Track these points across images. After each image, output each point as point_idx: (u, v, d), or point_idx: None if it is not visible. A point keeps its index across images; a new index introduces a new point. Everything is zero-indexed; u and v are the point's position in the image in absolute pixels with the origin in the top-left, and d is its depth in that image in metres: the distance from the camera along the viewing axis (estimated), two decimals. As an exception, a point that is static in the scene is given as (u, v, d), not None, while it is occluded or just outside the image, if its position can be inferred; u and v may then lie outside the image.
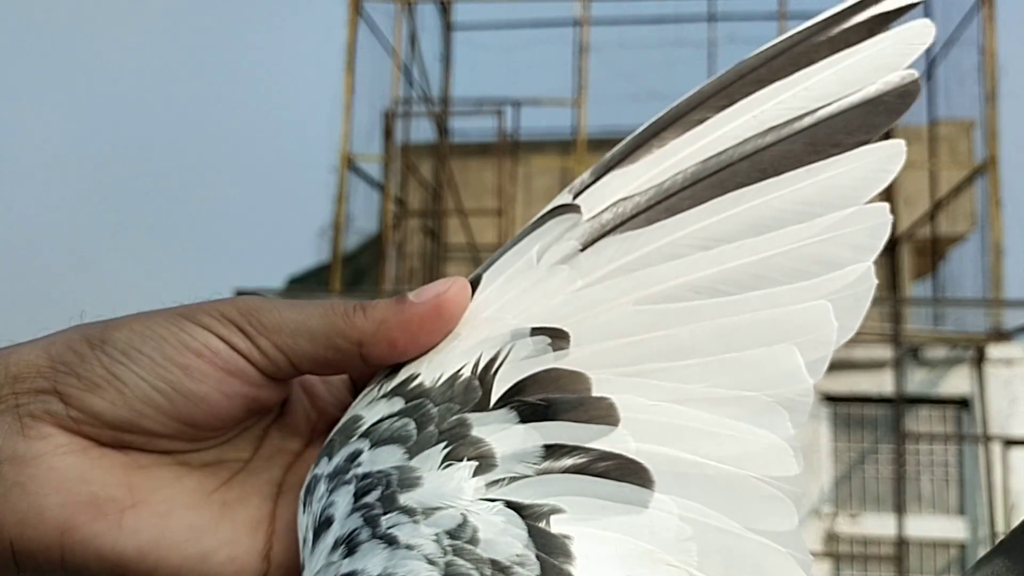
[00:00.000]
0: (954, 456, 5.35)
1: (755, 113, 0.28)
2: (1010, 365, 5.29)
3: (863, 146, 0.27)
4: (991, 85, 5.74)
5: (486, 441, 0.26)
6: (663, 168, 0.28)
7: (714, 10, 7.34)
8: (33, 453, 0.27)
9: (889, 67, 0.28)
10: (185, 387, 0.28)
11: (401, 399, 0.28)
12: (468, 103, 7.51)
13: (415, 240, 7.30)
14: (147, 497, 0.28)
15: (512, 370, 0.27)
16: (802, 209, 0.27)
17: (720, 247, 0.27)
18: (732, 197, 0.27)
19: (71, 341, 0.28)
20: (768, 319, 0.27)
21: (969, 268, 5.96)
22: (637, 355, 0.27)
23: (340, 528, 0.26)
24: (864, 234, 0.27)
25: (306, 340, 0.29)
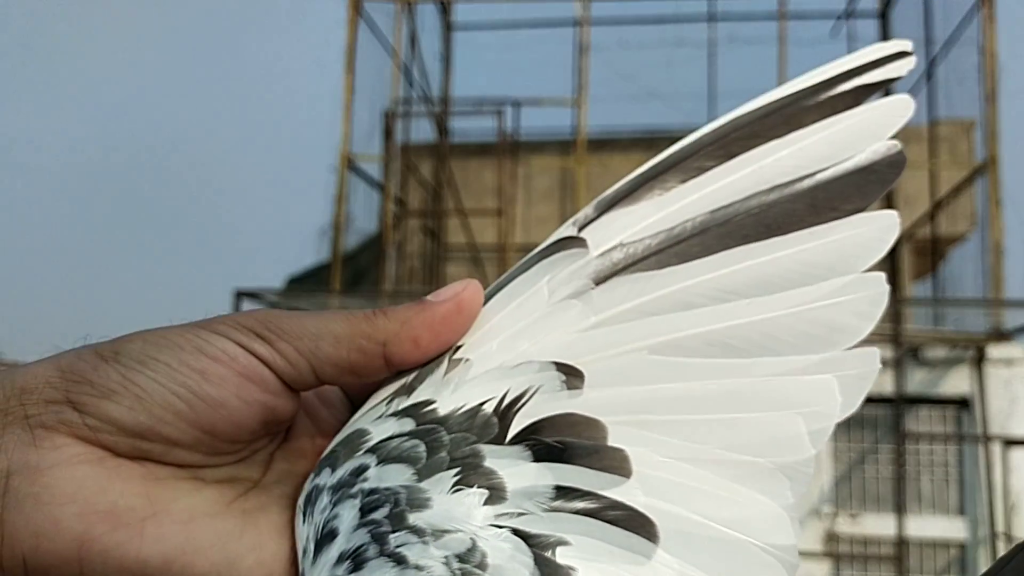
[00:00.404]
0: (954, 456, 5.35)
1: (755, 168, 0.30)
2: (1010, 365, 5.29)
3: (860, 213, 0.29)
4: (991, 85, 5.73)
5: (498, 473, 0.27)
6: (670, 212, 0.30)
7: (714, 10, 7.34)
8: (47, 463, 0.26)
9: (876, 136, 0.30)
10: (204, 391, 0.27)
11: (412, 420, 0.28)
12: (468, 103, 7.51)
13: (415, 240, 7.30)
14: (167, 507, 0.27)
15: (532, 409, 0.28)
16: (807, 271, 0.29)
17: (732, 302, 0.29)
18: (742, 251, 0.29)
19: (80, 354, 0.27)
20: (776, 386, 0.28)
21: (969, 268, 5.95)
22: (648, 404, 0.28)
23: (345, 542, 0.26)
24: (865, 302, 0.29)
25: (329, 343, 0.29)
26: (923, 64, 6.59)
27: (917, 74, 6.69)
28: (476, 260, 7.01)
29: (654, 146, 5.26)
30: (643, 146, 7.14)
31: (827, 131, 0.30)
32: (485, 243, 7.02)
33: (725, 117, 0.31)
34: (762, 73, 6.69)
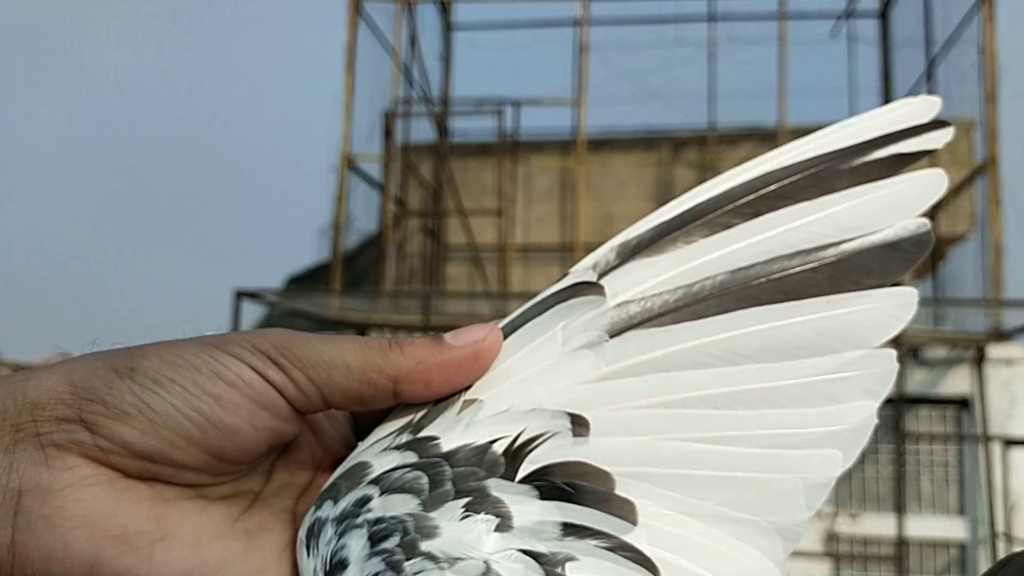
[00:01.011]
0: (954, 456, 5.34)
1: (781, 231, 0.30)
2: (1010, 365, 5.29)
3: (880, 288, 0.29)
4: (991, 85, 5.73)
5: (506, 503, 0.27)
6: (691, 267, 0.30)
7: (714, 10, 7.33)
8: (59, 484, 0.26)
9: (906, 210, 0.30)
10: (218, 418, 0.27)
11: (415, 454, 0.28)
12: (468, 103, 7.51)
13: (415, 240, 7.30)
14: (175, 529, 0.27)
15: (542, 453, 0.28)
16: (819, 340, 0.29)
17: (742, 365, 0.29)
18: (757, 313, 0.29)
19: (95, 368, 0.27)
20: (778, 453, 0.29)
21: (969, 268, 5.95)
22: (653, 458, 0.29)
23: (359, 571, 0.27)
24: (874, 379, 0.29)
25: (341, 374, 0.29)
26: (923, 64, 6.59)
27: (917, 74, 6.69)
28: (476, 260, 7.01)
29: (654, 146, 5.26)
30: (643, 146, 7.14)
31: (858, 200, 0.30)
32: (485, 243, 7.02)
33: (758, 167, 0.30)
34: (762, 73, 6.70)
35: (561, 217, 7.17)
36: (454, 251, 7.27)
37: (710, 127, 7.04)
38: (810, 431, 0.29)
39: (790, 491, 0.29)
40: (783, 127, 6.40)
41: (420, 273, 7.22)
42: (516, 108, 7.16)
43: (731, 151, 6.98)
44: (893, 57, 7.31)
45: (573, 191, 6.71)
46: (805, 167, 0.30)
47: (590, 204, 6.78)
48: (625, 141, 7.18)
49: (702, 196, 0.31)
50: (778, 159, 0.30)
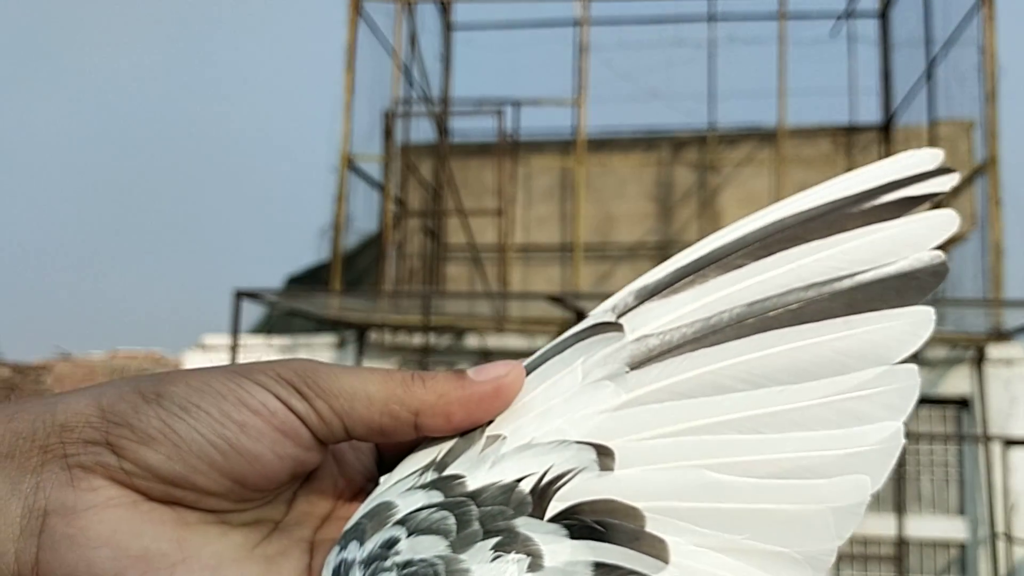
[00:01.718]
0: (954, 456, 5.35)
1: (794, 266, 0.30)
2: (1010, 365, 5.29)
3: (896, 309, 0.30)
4: (991, 85, 5.74)
5: (536, 542, 0.27)
6: (708, 302, 0.30)
7: (714, 10, 7.34)
8: (84, 505, 0.26)
9: (919, 245, 0.30)
10: (241, 445, 0.28)
11: (440, 493, 0.28)
12: (468, 103, 7.51)
13: (415, 240, 7.30)
14: (196, 552, 0.28)
15: (571, 491, 0.28)
16: (839, 359, 0.29)
17: (765, 388, 0.29)
18: (775, 335, 0.29)
19: (123, 393, 0.27)
20: (807, 484, 0.29)
21: (969, 268, 5.95)
22: (679, 492, 0.28)
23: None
24: (896, 395, 0.29)
25: (363, 405, 0.29)
26: (923, 64, 6.59)
27: (917, 74, 6.69)
28: (476, 260, 7.01)
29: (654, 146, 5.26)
30: (643, 146, 7.15)
31: (870, 236, 0.30)
32: (485, 243, 7.02)
33: (768, 215, 0.31)
34: (762, 73, 6.70)
35: (561, 217, 7.17)
36: (454, 251, 7.27)
37: (710, 127, 7.04)
38: (837, 453, 0.29)
39: (820, 521, 0.29)
40: (783, 127, 6.40)
41: (420, 273, 7.23)
42: (516, 108, 7.16)
43: (731, 151, 6.98)
44: (893, 57, 7.31)
45: (573, 191, 6.71)
46: (815, 213, 0.31)
47: (590, 204, 6.78)
48: (625, 141, 7.18)
49: (716, 243, 0.31)
50: (788, 207, 0.31)
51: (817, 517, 0.28)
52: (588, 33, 6.77)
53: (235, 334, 5.39)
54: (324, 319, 6.31)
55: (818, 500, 0.29)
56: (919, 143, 6.65)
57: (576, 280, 6.28)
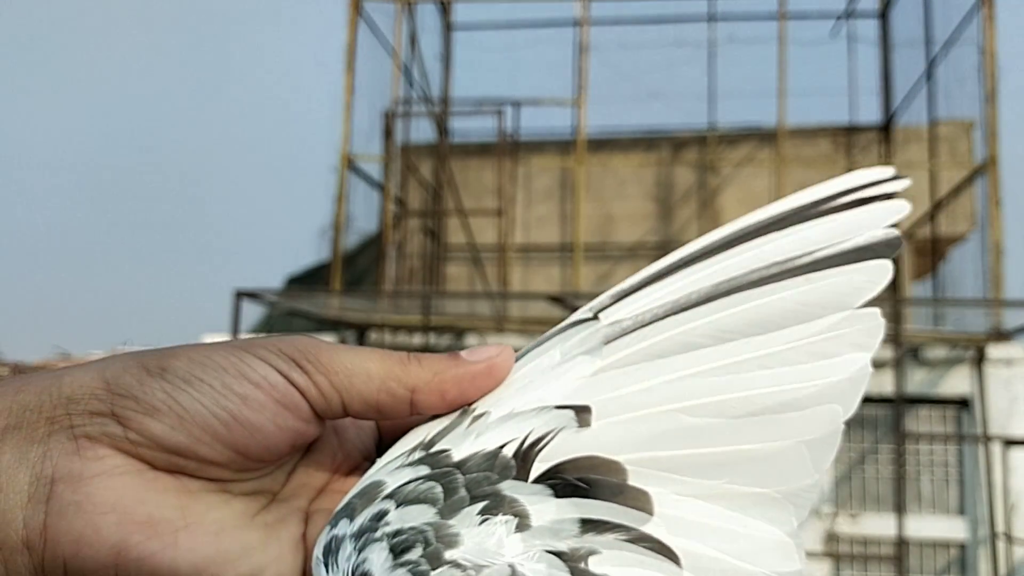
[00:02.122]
0: (954, 456, 5.35)
1: (757, 252, 0.32)
2: (1010, 365, 5.29)
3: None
4: (991, 85, 5.74)
5: (521, 503, 0.28)
6: (677, 287, 0.32)
7: (714, 10, 7.34)
8: (90, 473, 0.27)
9: (874, 225, 0.32)
10: (243, 416, 0.29)
11: (427, 467, 0.29)
12: (468, 103, 7.51)
13: (415, 240, 7.30)
14: (199, 518, 0.29)
15: (552, 451, 0.29)
16: (803, 310, 0.31)
17: (731, 342, 0.30)
18: (740, 296, 0.31)
19: (127, 367, 0.28)
20: (780, 419, 0.29)
21: (969, 268, 5.96)
22: (657, 442, 0.29)
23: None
24: (862, 334, 0.30)
25: (362, 381, 0.30)
26: (923, 64, 6.59)
27: (917, 74, 6.69)
28: (476, 260, 7.01)
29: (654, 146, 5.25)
30: (643, 146, 7.14)
31: (827, 223, 0.32)
32: (485, 243, 7.02)
33: (734, 224, 0.33)
34: (762, 73, 6.70)
35: (561, 217, 7.17)
36: (454, 251, 7.27)
37: (710, 127, 7.04)
38: (807, 385, 0.30)
39: (796, 456, 0.29)
40: (783, 127, 6.40)
41: (420, 273, 7.23)
42: (516, 108, 7.16)
43: (731, 151, 6.98)
44: (893, 57, 7.31)
45: (573, 191, 6.71)
46: (777, 217, 0.33)
47: (590, 204, 6.78)
48: (625, 141, 7.18)
49: (685, 249, 0.33)
50: (752, 216, 0.33)
51: (793, 452, 0.29)
52: (588, 33, 6.77)
53: (235, 334, 5.39)
54: (324, 319, 6.31)
55: (793, 435, 0.29)
56: (919, 143, 6.66)
57: (576, 280, 6.28)
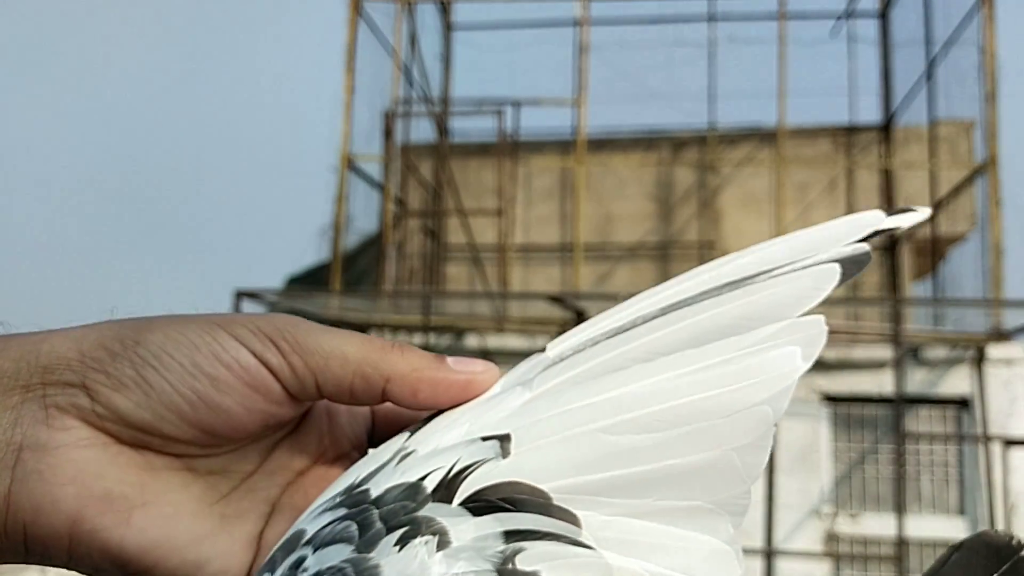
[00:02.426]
0: (954, 456, 5.35)
1: (713, 273, 0.30)
2: (1010, 365, 5.29)
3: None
4: (991, 85, 5.74)
5: (439, 521, 0.27)
6: (623, 314, 0.31)
7: (714, 10, 7.34)
8: (55, 443, 0.27)
9: (840, 240, 0.30)
10: (210, 397, 0.29)
11: (345, 507, 0.28)
12: (468, 103, 7.51)
13: (415, 240, 7.30)
14: (156, 499, 0.29)
15: (475, 480, 0.28)
16: (741, 323, 0.29)
17: (662, 358, 0.29)
18: (677, 315, 0.30)
19: (103, 338, 0.29)
20: (706, 428, 0.28)
21: (969, 268, 5.96)
22: (583, 466, 0.28)
23: None
24: (802, 341, 0.28)
25: (338, 364, 0.30)
26: (923, 64, 6.60)
27: (917, 74, 6.69)
28: (476, 260, 7.01)
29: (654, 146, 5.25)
30: (643, 146, 7.14)
31: (790, 241, 0.30)
32: (485, 243, 7.02)
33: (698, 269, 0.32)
34: (762, 73, 6.70)
35: (561, 217, 7.17)
36: (454, 251, 7.27)
37: (710, 127, 7.04)
38: (731, 390, 0.28)
39: (726, 465, 0.28)
40: (783, 127, 6.40)
41: (420, 273, 7.23)
42: (516, 108, 7.16)
43: (731, 151, 6.98)
44: (893, 57, 7.31)
45: (573, 191, 6.71)
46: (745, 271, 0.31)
47: (590, 204, 6.78)
48: (625, 141, 7.18)
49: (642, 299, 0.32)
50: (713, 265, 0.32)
51: (723, 461, 0.28)
52: (588, 33, 6.77)
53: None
54: (324, 319, 6.31)
55: (721, 443, 0.28)
56: (919, 143, 6.65)
57: (576, 280, 6.28)
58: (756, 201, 6.89)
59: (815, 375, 5.52)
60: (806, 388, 5.50)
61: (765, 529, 4.89)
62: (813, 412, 5.42)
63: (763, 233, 6.74)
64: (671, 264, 6.92)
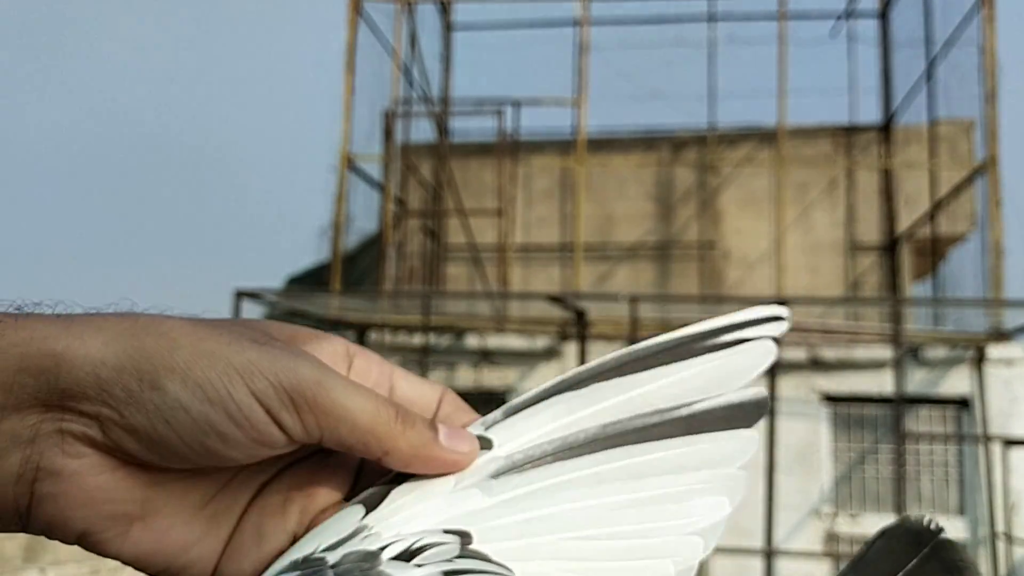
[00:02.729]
0: (954, 456, 5.35)
1: (642, 392, 0.35)
2: (1010, 365, 5.29)
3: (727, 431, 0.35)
4: (991, 85, 5.74)
5: (389, 572, 0.29)
6: (567, 422, 0.35)
7: (714, 10, 7.34)
8: (69, 471, 0.29)
9: (742, 377, 0.35)
10: (216, 450, 0.31)
11: (299, 571, 0.30)
12: (468, 103, 7.51)
13: (415, 240, 7.30)
14: (156, 512, 0.31)
15: (436, 554, 0.31)
16: (677, 468, 0.34)
17: (609, 484, 0.33)
18: (623, 451, 0.34)
19: (122, 367, 0.30)
20: (647, 543, 0.32)
21: (969, 268, 5.96)
22: (537, 570, 0.32)
23: None
24: (726, 488, 0.34)
25: (347, 429, 0.32)
26: (923, 64, 6.60)
27: (917, 74, 6.69)
28: (476, 260, 7.01)
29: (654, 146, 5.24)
30: (643, 146, 7.15)
31: (703, 366, 0.35)
32: (485, 243, 7.02)
33: (626, 349, 0.36)
34: (762, 73, 6.70)
35: (561, 217, 7.17)
36: (454, 251, 7.27)
37: (710, 127, 7.04)
38: (670, 523, 0.32)
39: (664, 573, 0.32)
40: (783, 127, 6.40)
41: (420, 273, 7.23)
42: (516, 108, 7.16)
43: (731, 151, 6.98)
44: (893, 57, 7.31)
45: (573, 191, 6.71)
46: (665, 346, 0.35)
47: (590, 204, 6.78)
48: (625, 141, 7.19)
49: (577, 369, 0.36)
50: (644, 343, 0.36)
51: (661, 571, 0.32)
52: (588, 33, 6.77)
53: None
54: (324, 319, 6.32)
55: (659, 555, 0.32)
56: (919, 143, 6.65)
57: (576, 280, 6.29)
58: (756, 201, 6.89)
59: (815, 375, 5.52)
60: (806, 388, 5.50)
61: (765, 529, 4.89)
62: (813, 412, 5.42)
63: (763, 233, 6.74)
64: (671, 264, 6.92)
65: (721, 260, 6.94)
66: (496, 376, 5.89)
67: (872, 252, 6.82)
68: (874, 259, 6.82)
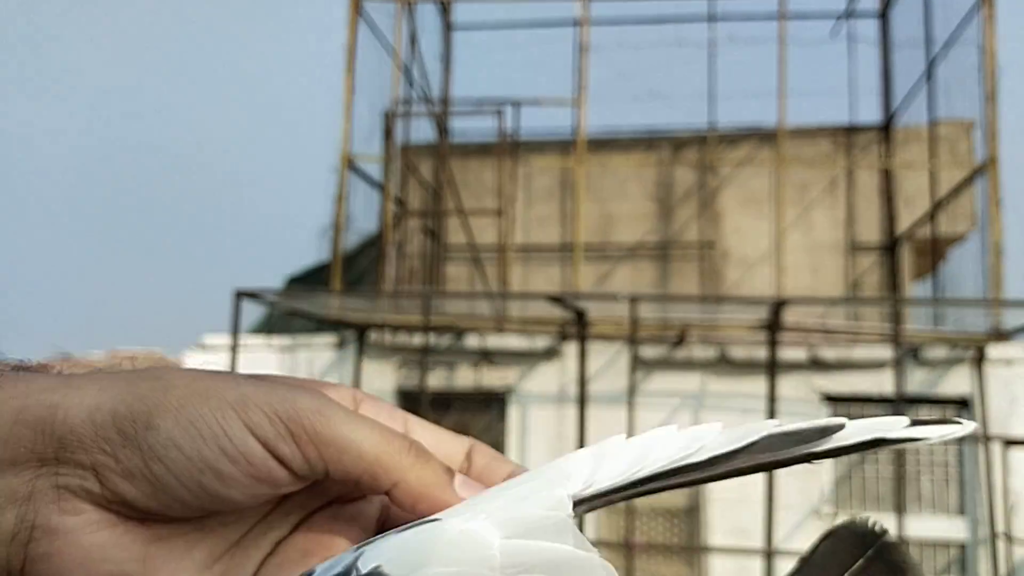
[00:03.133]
0: (954, 456, 5.35)
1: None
2: (1010, 365, 5.29)
3: None
4: (991, 85, 5.74)
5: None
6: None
7: (714, 10, 7.34)
8: (65, 528, 0.28)
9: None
10: (215, 490, 0.29)
11: None
12: (468, 103, 7.51)
13: (415, 240, 7.30)
14: (157, 571, 0.30)
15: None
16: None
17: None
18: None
19: (117, 413, 0.29)
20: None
21: (969, 268, 5.96)
22: None
23: None
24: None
25: (351, 459, 0.30)
26: (923, 64, 6.60)
27: (917, 74, 6.69)
28: (476, 260, 7.01)
29: (654, 146, 5.24)
30: (643, 146, 7.15)
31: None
32: (485, 243, 7.02)
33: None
34: (762, 73, 6.70)
35: (561, 217, 7.17)
36: (454, 251, 7.27)
37: (710, 127, 7.04)
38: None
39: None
40: (783, 127, 6.40)
41: (420, 273, 7.23)
42: (516, 108, 7.16)
43: (731, 151, 6.98)
44: (893, 57, 7.31)
45: (573, 191, 6.71)
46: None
47: (590, 204, 6.78)
48: (625, 141, 7.19)
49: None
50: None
51: None
52: (588, 33, 6.77)
53: (235, 334, 5.38)
54: (324, 319, 6.31)
55: None
56: (919, 143, 6.65)
57: (576, 280, 6.28)
58: (756, 201, 6.89)
59: (815, 375, 5.52)
60: (806, 388, 5.50)
61: (765, 529, 4.89)
62: (813, 412, 5.42)
63: (763, 233, 6.74)
64: (671, 264, 6.92)
65: (721, 260, 6.94)
66: (496, 376, 5.89)
67: (872, 252, 6.82)
68: (874, 259, 6.82)
